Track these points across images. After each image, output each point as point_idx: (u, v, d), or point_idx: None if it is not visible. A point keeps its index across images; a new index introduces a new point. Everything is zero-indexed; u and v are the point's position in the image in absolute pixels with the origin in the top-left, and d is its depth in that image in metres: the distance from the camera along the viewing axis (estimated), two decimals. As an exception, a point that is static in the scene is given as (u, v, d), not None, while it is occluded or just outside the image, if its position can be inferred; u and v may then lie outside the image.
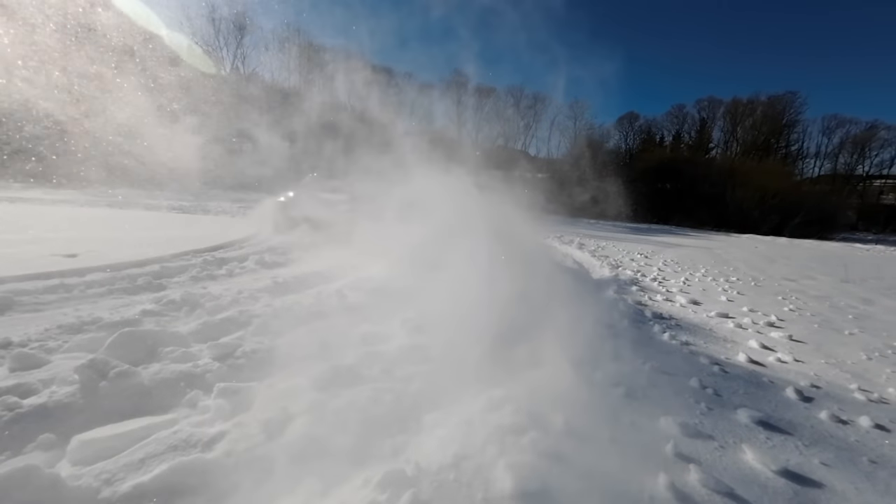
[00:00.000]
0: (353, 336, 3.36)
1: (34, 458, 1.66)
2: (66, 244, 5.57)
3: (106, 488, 1.48)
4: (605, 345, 3.57)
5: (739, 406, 2.66)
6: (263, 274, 5.31)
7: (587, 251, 11.05)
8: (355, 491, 1.64)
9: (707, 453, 2.12)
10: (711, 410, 2.59)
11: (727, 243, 17.76)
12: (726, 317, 5.08)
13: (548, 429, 2.15)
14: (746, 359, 3.59)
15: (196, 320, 3.22)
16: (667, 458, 2.03)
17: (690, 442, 2.20)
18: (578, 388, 2.67)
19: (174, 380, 2.35)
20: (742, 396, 2.86)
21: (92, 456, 1.67)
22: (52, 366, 2.34)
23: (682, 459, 2.03)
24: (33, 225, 7.31)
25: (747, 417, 2.53)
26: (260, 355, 2.77)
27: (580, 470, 1.86)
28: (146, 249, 5.66)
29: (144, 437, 1.78)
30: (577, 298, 5.01)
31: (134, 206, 13.64)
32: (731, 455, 2.13)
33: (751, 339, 4.17)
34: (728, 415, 2.57)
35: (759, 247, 17.83)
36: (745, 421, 2.50)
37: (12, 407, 1.89)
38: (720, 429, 2.38)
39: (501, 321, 3.41)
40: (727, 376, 3.21)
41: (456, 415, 2.24)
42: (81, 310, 3.42)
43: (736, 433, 2.36)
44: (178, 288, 4.30)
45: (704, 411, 2.58)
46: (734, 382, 3.10)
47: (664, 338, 4.03)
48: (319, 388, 2.33)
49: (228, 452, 1.73)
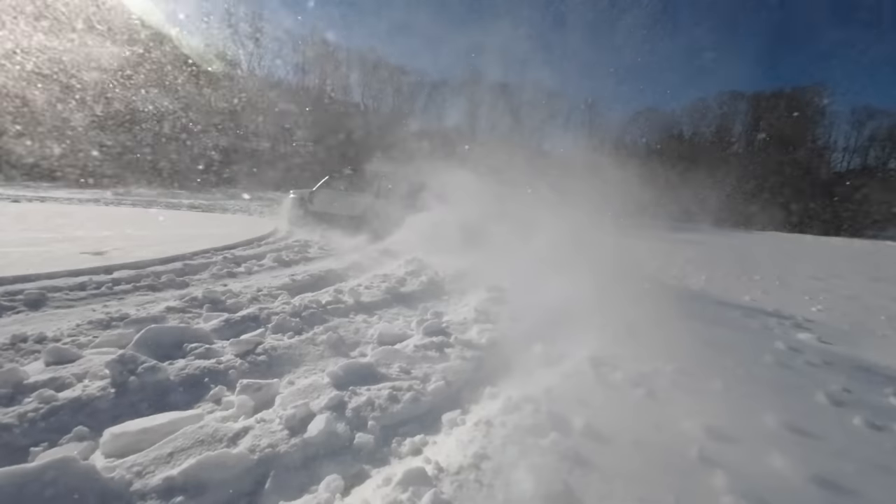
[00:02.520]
0: (369, 334, 3.39)
1: (70, 449, 1.72)
2: (93, 242, 5.77)
3: (137, 480, 1.52)
4: (625, 342, 3.51)
5: (768, 409, 2.57)
6: (281, 272, 5.40)
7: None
8: (377, 489, 1.65)
9: (734, 458, 2.06)
10: (738, 413, 2.52)
11: (749, 241, 17.27)
12: (751, 317, 4.94)
13: (567, 430, 2.13)
14: (773, 360, 3.47)
15: (218, 317, 3.28)
16: (692, 462, 1.98)
17: (716, 445, 2.14)
18: (598, 388, 2.64)
19: (199, 376, 2.40)
20: (770, 398, 2.77)
21: (123, 448, 1.73)
22: (84, 360, 2.42)
23: (708, 464, 1.98)
24: (63, 224, 7.59)
25: (776, 421, 2.45)
26: (279, 352, 2.82)
27: (602, 473, 1.84)
28: (169, 247, 5.81)
29: (172, 431, 1.83)
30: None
31: (156, 204, 14.03)
32: (760, 460, 2.07)
33: (777, 341, 4.04)
34: (755, 418, 2.49)
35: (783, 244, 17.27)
36: (774, 424, 2.43)
37: (48, 400, 1.97)
38: (747, 432, 2.31)
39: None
40: (752, 378, 3.11)
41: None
42: (109, 306, 3.53)
43: (764, 437, 2.29)
44: (200, 285, 4.41)
45: (731, 414, 2.50)
46: (760, 383, 3.01)
47: (687, 338, 3.93)
48: (339, 385, 2.36)
49: (252, 448, 1.76)
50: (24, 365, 2.34)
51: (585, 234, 9.39)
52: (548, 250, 8.06)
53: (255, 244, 7.33)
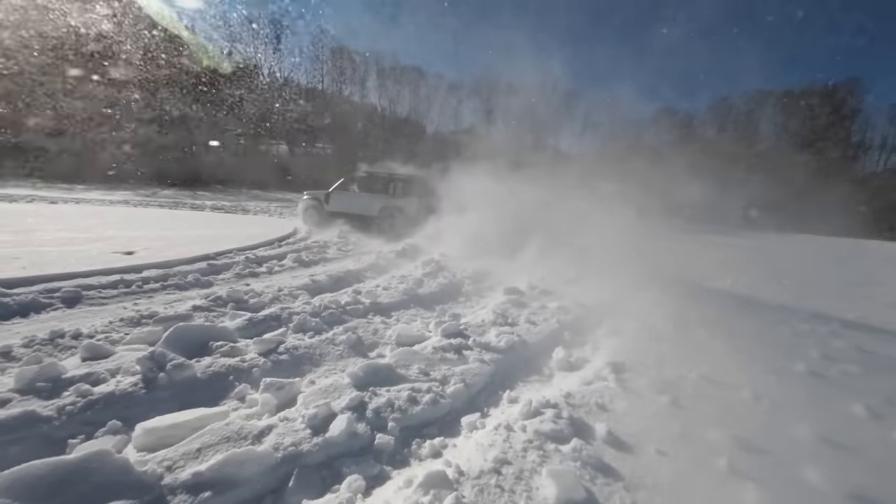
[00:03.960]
0: (388, 335, 3.41)
1: (105, 442, 1.79)
2: (124, 242, 6.01)
3: (168, 475, 1.57)
4: (648, 348, 3.43)
5: (801, 420, 2.46)
6: (301, 272, 5.50)
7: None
8: (398, 490, 1.65)
9: (766, 471, 1.98)
10: (768, 423, 2.42)
11: (780, 243, 16.61)
12: (782, 323, 4.75)
13: (589, 437, 2.09)
14: (806, 369, 3.33)
15: (241, 316, 3.36)
16: (721, 474, 1.91)
17: (746, 457, 2.07)
18: (620, 395, 2.58)
19: (224, 373, 2.47)
20: (803, 408, 2.66)
21: (154, 443, 1.79)
22: (117, 356, 2.52)
23: (739, 477, 1.90)
24: (95, 224, 7.93)
25: (810, 433, 2.34)
26: (301, 352, 2.86)
27: (626, 482, 1.79)
28: (194, 247, 6.00)
29: (200, 427, 1.88)
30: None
31: (181, 205, 14.51)
32: (794, 474, 1.98)
33: (810, 349, 3.87)
34: (788, 429, 2.39)
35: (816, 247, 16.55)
36: (807, 436, 2.32)
37: (85, 394, 2.05)
38: (778, 444, 2.22)
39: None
40: (783, 387, 2.99)
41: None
42: (139, 304, 3.67)
43: (797, 449, 2.19)
44: (224, 285, 4.53)
45: (760, 424, 2.41)
46: (793, 395, 2.89)
47: (713, 344, 3.80)
48: (359, 386, 2.38)
49: (277, 446, 1.79)
50: (61, 360, 2.46)
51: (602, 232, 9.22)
52: (564, 250, 7.96)
53: (276, 245, 7.49)
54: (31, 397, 2.00)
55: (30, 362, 2.31)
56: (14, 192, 13.83)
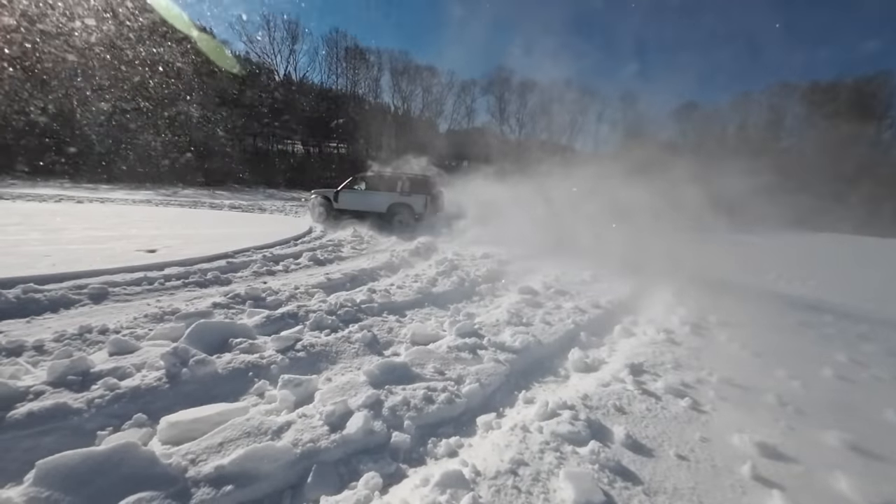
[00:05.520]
0: (402, 334, 3.43)
1: (132, 434, 1.85)
2: (146, 241, 6.19)
3: (192, 468, 1.61)
4: (666, 349, 3.36)
5: (829, 427, 2.38)
6: (317, 270, 5.57)
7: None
8: (414, 489, 1.66)
9: (792, 478, 1.92)
10: (794, 430, 2.35)
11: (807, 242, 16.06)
12: (807, 326, 4.59)
13: (607, 439, 2.06)
14: (833, 374, 3.21)
15: (259, 314, 3.43)
16: (744, 481, 1.86)
17: (771, 464, 2.01)
18: (638, 397, 2.54)
19: (244, 369, 2.52)
20: (831, 415, 2.57)
21: (178, 436, 1.84)
22: (142, 352, 2.60)
23: (763, 484, 1.85)
24: (119, 223, 8.19)
25: (838, 441, 2.26)
26: (317, 349, 2.90)
27: (646, 486, 1.76)
28: (213, 246, 6.14)
29: (221, 421, 1.93)
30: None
31: (200, 205, 14.87)
32: (822, 482, 1.91)
33: (838, 353, 3.73)
34: (814, 436, 2.31)
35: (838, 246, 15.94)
36: (836, 444, 2.24)
37: (112, 388, 2.12)
38: (805, 451, 2.15)
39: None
40: (809, 392, 2.89)
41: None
42: (162, 301, 3.78)
43: (825, 457, 2.12)
44: (242, 283, 4.62)
45: (785, 430, 2.34)
46: (819, 399, 2.79)
47: (733, 347, 3.71)
48: (375, 384, 2.40)
49: (295, 442, 1.82)
50: (90, 354, 2.55)
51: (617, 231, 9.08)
52: (574, 246, 7.87)
53: (292, 243, 7.60)
54: (62, 390, 2.08)
55: (61, 356, 2.40)
56: (44, 191, 14.39)
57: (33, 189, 14.96)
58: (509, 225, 9.84)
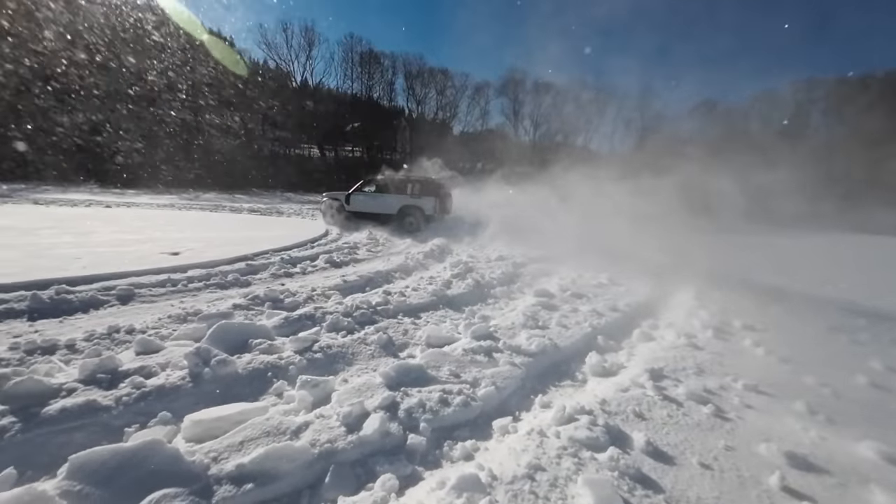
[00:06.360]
0: (417, 336, 3.44)
1: (157, 432, 1.91)
2: (170, 243, 6.39)
3: (214, 465, 1.65)
4: (688, 354, 3.27)
5: (863, 437, 2.27)
6: (333, 272, 5.64)
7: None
8: (431, 491, 1.66)
9: (825, 490, 1.84)
10: (825, 440, 2.25)
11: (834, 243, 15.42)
12: (838, 330, 4.40)
13: (627, 446, 2.02)
14: (867, 381, 3.07)
15: (277, 315, 3.49)
16: (773, 493, 1.79)
17: (802, 475, 1.92)
18: (659, 403, 2.47)
19: (263, 370, 2.57)
20: (865, 425, 2.45)
21: (201, 434, 1.88)
22: (166, 351, 2.68)
23: (793, 496, 1.78)
24: (144, 226, 8.48)
25: (873, 451, 2.15)
26: (334, 350, 2.94)
27: (667, 495, 1.71)
28: (233, 248, 6.29)
29: (242, 420, 1.97)
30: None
31: (220, 208, 15.27)
32: (857, 496, 1.83)
33: (871, 359, 3.56)
34: (848, 447, 2.21)
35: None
36: (871, 456, 2.13)
37: (139, 386, 2.20)
38: (838, 463, 2.05)
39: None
40: (841, 401, 2.77)
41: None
42: (185, 302, 3.89)
43: (859, 469, 2.02)
44: (261, 284, 4.72)
45: (816, 441, 2.24)
46: (851, 408, 2.67)
47: (758, 352, 3.58)
48: (391, 385, 2.41)
49: (313, 442, 1.84)
50: (118, 353, 2.64)
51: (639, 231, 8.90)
52: (591, 248, 7.74)
53: (309, 246, 7.73)
54: (92, 387, 2.16)
55: (91, 355, 2.50)
56: (74, 196, 15.04)
57: (64, 194, 15.65)
58: (524, 228, 9.80)
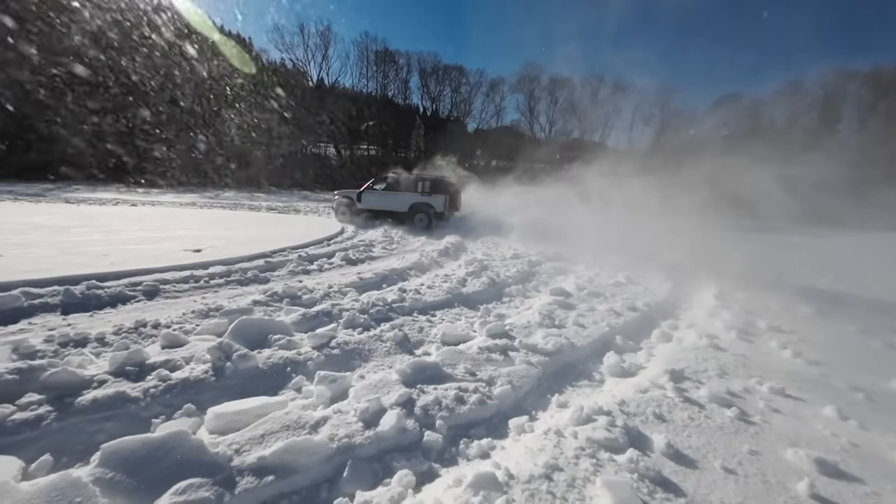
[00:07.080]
0: (433, 333, 3.45)
1: (182, 423, 1.97)
2: (192, 241, 6.57)
3: (237, 457, 1.70)
4: (709, 355, 3.18)
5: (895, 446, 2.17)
6: (349, 270, 5.71)
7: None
8: (447, 489, 1.66)
9: (857, 500, 1.76)
10: (858, 447, 2.16)
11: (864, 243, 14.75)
12: (869, 333, 4.21)
13: (647, 448, 1.98)
14: (903, 387, 2.93)
15: (296, 311, 3.55)
16: (801, 501, 1.73)
17: (832, 483, 1.85)
18: (680, 405, 2.42)
19: (282, 365, 2.62)
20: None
21: (224, 427, 1.94)
22: (190, 346, 2.76)
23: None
24: (167, 224, 8.75)
25: (910, 461, 2.05)
26: (351, 347, 2.97)
27: (689, 499, 1.68)
28: (253, 246, 6.43)
29: (262, 414, 2.01)
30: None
31: (240, 206, 15.62)
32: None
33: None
34: (882, 454, 2.11)
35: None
36: (907, 465, 2.04)
37: (164, 378, 2.27)
38: (872, 472, 1.97)
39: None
40: (874, 407, 2.65)
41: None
42: (207, 298, 4.00)
43: (895, 478, 1.93)
44: (280, 281, 4.81)
45: (847, 447, 2.15)
46: (886, 414, 2.55)
47: (785, 355, 3.46)
48: (407, 382, 2.42)
49: (332, 437, 1.87)
50: (145, 347, 2.73)
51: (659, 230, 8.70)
52: (609, 246, 7.61)
53: (325, 243, 7.83)
54: (121, 380, 2.24)
55: (119, 348, 2.60)
56: (103, 195, 15.62)
57: (93, 193, 16.28)
58: (541, 226, 9.70)
